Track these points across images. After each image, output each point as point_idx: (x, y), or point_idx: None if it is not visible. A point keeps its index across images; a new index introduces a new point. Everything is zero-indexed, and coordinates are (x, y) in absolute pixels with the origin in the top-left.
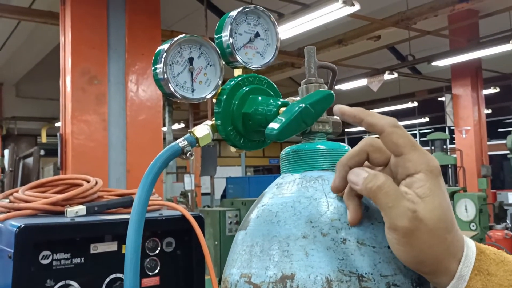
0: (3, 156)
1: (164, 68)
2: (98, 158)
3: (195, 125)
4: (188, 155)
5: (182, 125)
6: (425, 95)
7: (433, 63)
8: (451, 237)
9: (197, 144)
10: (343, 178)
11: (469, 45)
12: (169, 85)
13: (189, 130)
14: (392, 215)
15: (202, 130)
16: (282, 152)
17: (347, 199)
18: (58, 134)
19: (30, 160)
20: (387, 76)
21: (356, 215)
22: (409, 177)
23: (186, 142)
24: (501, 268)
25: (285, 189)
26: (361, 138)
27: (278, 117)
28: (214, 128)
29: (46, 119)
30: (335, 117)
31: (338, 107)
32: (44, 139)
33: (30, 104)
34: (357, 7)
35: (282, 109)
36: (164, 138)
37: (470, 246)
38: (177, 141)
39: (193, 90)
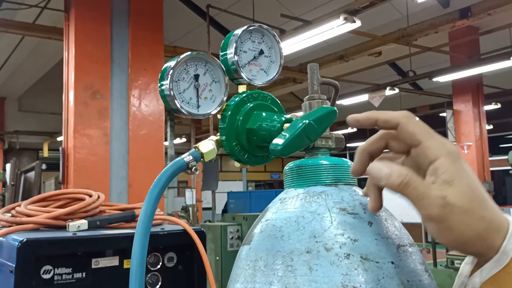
0: (4, 170)
1: (171, 84)
2: (99, 172)
3: (196, 139)
4: (193, 170)
5: (184, 139)
6: (426, 110)
7: (434, 79)
8: (489, 214)
9: (202, 159)
10: (363, 163)
11: (470, 61)
12: (175, 101)
13: (194, 145)
14: (424, 206)
15: (207, 145)
16: (286, 167)
17: (369, 189)
18: (60, 148)
19: (31, 174)
20: (388, 92)
21: (376, 204)
22: (431, 164)
23: (191, 157)
24: None
25: (288, 204)
26: None
27: (282, 133)
28: (218, 143)
29: (48, 133)
30: (337, 132)
31: (352, 117)
32: (46, 153)
33: (32, 118)
34: (358, 23)
35: (286, 125)
36: (166, 153)
37: None
38: (182, 156)
39: (198, 106)
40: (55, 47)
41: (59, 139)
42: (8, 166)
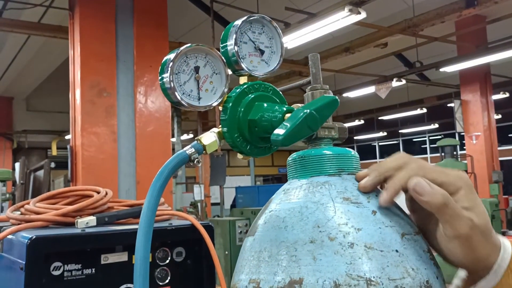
0: (14, 169)
1: (171, 77)
2: (108, 170)
3: None
4: (195, 162)
5: (191, 135)
6: (434, 101)
7: (441, 69)
8: (494, 234)
9: (204, 151)
10: (377, 183)
11: (477, 51)
12: (176, 93)
13: (196, 138)
14: (456, 225)
15: (209, 137)
16: (289, 158)
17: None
18: (68, 147)
19: (40, 173)
20: (395, 83)
21: (391, 199)
22: (453, 195)
23: (193, 150)
24: None
25: (292, 194)
26: (370, 146)
27: (284, 123)
28: (220, 135)
29: (56, 132)
30: (340, 123)
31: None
32: (54, 151)
33: (40, 117)
34: (363, 15)
35: (288, 115)
36: (173, 149)
37: (507, 246)
38: (184, 148)
39: (199, 98)
40: (61, 46)
41: (67, 137)
42: (17, 165)
